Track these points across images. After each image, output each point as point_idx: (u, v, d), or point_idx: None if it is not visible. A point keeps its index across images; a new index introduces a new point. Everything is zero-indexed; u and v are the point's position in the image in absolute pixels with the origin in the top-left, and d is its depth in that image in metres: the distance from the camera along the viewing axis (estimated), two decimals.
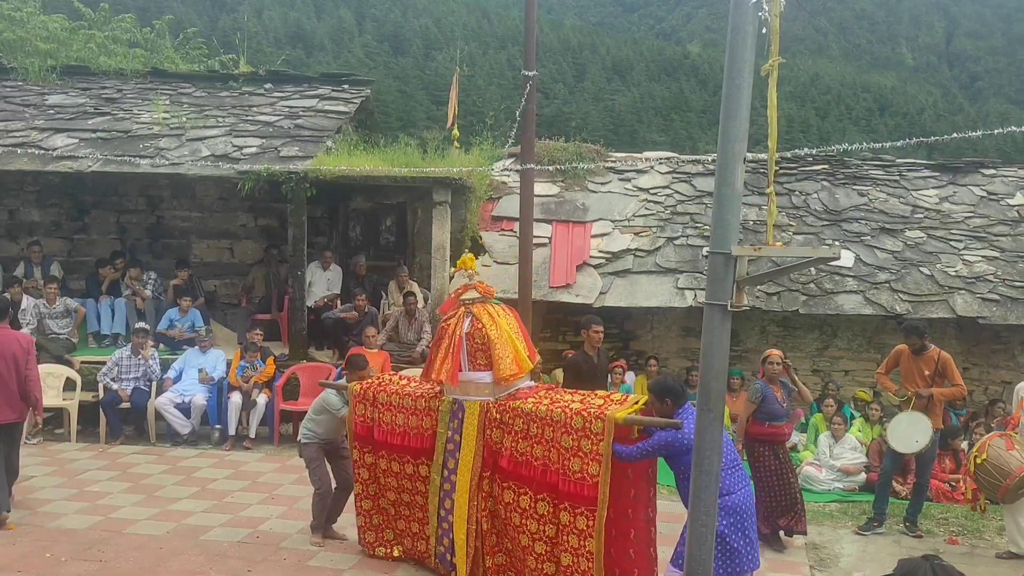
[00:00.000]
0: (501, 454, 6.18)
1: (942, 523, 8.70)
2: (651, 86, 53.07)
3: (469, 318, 6.47)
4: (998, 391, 12.21)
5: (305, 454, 7.45)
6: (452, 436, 6.43)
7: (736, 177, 3.74)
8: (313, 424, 7.45)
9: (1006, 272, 12.03)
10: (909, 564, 2.89)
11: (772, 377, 7.99)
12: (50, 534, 7.41)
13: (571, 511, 5.72)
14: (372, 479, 7.01)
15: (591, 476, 5.62)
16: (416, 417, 6.67)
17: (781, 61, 3.66)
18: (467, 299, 6.62)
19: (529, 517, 5.98)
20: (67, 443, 10.65)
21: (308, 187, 11.24)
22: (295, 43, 48.03)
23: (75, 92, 13.76)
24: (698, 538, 4.01)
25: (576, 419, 5.74)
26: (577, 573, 5.73)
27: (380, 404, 6.88)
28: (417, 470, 6.68)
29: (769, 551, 7.42)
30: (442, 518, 6.49)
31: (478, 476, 6.24)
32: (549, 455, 5.87)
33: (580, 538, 5.68)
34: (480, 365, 6.37)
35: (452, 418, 6.45)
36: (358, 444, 7.03)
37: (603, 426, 5.62)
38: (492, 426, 6.25)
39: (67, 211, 13.69)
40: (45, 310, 11.61)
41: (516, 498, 6.07)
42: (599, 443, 5.61)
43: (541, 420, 5.95)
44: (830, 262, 11.49)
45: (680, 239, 12.71)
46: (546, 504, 5.88)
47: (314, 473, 7.39)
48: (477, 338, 6.36)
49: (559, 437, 5.80)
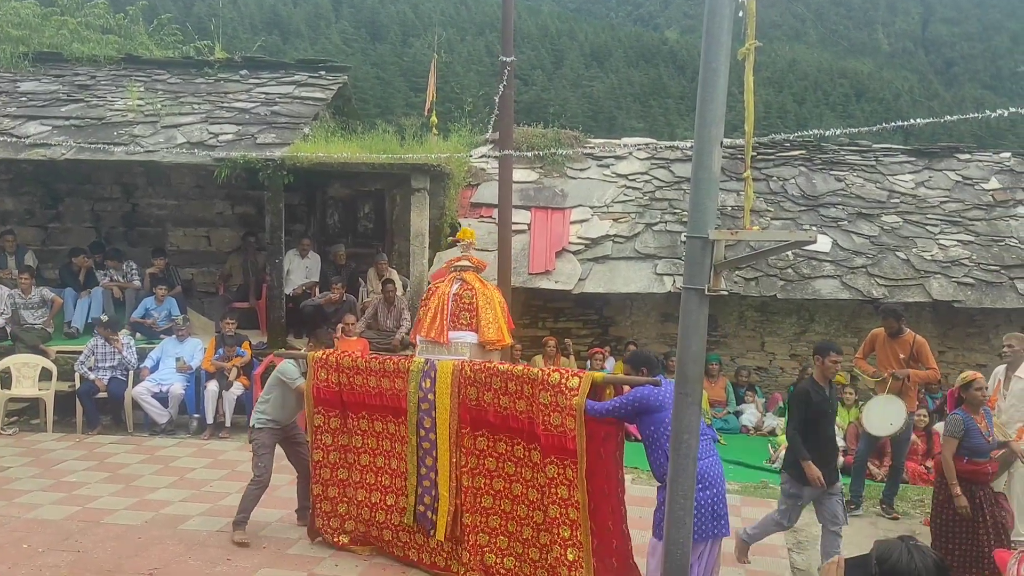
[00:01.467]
0: (486, 410, 6.25)
1: (918, 505, 8.79)
2: (629, 72, 53.06)
3: (459, 282, 6.65)
4: None
5: (256, 439, 7.21)
6: (425, 396, 6.44)
7: (713, 161, 3.74)
8: (266, 405, 7.23)
9: (981, 256, 12.14)
10: (886, 545, 2.91)
11: (974, 404, 6.78)
12: (27, 525, 7.35)
13: (558, 463, 5.85)
14: (335, 447, 6.94)
15: (570, 430, 5.78)
16: (388, 379, 6.67)
17: (758, 45, 3.66)
18: (460, 266, 6.78)
19: (524, 465, 6.11)
20: (43, 433, 10.57)
21: (285, 174, 11.17)
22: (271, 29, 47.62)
23: (48, 79, 13.60)
24: (676, 520, 4.03)
25: (553, 375, 5.90)
26: (566, 523, 5.84)
27: (346, 368, 6.83)
28: (399, 429, 6.68)
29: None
30: (423, 476, 6.51)
31: (455, 433, 6.32)
32: (532, 409, 5.99)
33: (569, 488, 5.81)
34: (462, 325, 6.53)
35: (424, 377, 6.46)
36: (323, 408, 6.94)
37: (579, 383, 5.79)
38: (467, 384, 6.32)
39: (40, 199, 13.55)
40: (20, 300, 11.49)
41: (511, 448, 6.18)
42: (573, 398, 5.77)
43: (518, 378, 6.07)
44: (807, 246, 11.58)
45: (659, 225, 12.73)
46: (538, 453, 6.00)
47: (261, 460, 7.15)
48: (465, 298, 6.60)
49: (537, 393, 5.94)
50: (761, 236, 4.17)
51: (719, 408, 12.00)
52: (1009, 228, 12.66)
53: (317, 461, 7.01)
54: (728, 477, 9.51)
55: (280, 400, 7.23)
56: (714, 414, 11.76)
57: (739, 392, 12.37)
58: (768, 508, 8.33)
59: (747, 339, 12.96)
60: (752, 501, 8.66)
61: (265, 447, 7.15)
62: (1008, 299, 11.60)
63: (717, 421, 11.67)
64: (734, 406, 12.16)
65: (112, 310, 11.84)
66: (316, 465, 7.01)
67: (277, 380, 7.23)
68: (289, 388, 7.20)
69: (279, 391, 7.23)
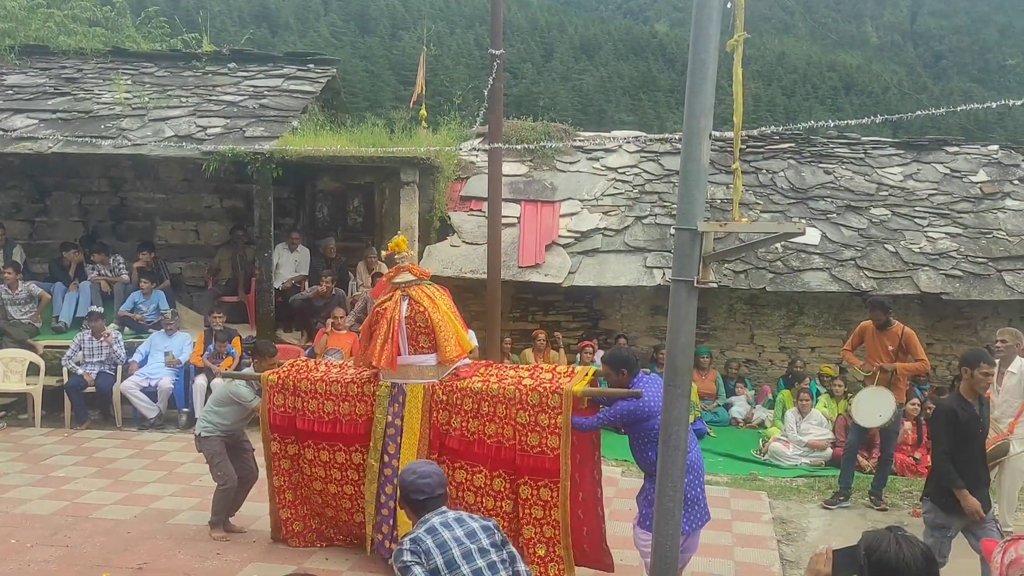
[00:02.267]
0: (450, 435, 6.15)
1: (907, 496, 8.84)
2: (619, 65, 53.01)
3: (407, 301, 6.31)
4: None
5: (206, 448, 7.01)
6: (393, 421, 6.28)
7: (702, 152, 3.74)
8: (216, 416, 7.02)
9: (969, 248, 12.19)
10: (874, 535, 2.92)
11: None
12: (15, 520, 7.32)
13: (532, 485, 5.80)
14: (295, 469, 6.78)
15: (551, 449, 5.72)
16: (348, 403, 6.48)
17: (746, 36, 3.66)
18: (402, 281, 6.45)
19: (485, 495, 6.00)
20: (31, 428, 10.53)
21: (274, 168, 11.12)
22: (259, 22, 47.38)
23: (34, 72, 13.49)
24: (665, 513, 4.03)
25: (532, 395, 5.83)
26: (542, 541, 5.81)
27: (303, 392, 6.62)
28: (350, 458, 6.50)
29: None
30: (382, 504, 6.33)
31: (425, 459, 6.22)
32: (503, 432, 5.91)
33: (545, 509, 5.78)
34: (423, 348, 6.23)
35: (392, 402, 6.31)
36: (278, 435, 6.73)
37: (560, 400, 5.73)
38: (438, 408, 6.20)
39: (27, 193, 13.47)
40: (7, 296, 11.42)
41: (470, 477, 6.06)
42: (557, 416, 5.72)
43: (493, 398, 5.97)
44: (796, 239, 11.61)
45: (648, 218, 12.74)
46: (502, 480, 5.92)
47: (219, 468, 6.99)
48: (419, 321, 6.22)
49: (514, 414, 5.86)
50: (750, 228, 4.18)
51: (709, 401, 12.02)
52: (997, 220, 12.71)
53: (278, 487, 6.83)
54: (717, 469, 9.62)
55: (229, 417, 7.03)
56: (704, 406, 11.78)
57: (729, 384, 12.40)
58: (757, 500, 8.40)
59: (736, 332, 12.99)
60: (741, 493, 8.69)
61: (219, 455, 6.98)
62: (996, 291, 11.67)
63: (707, 414, 11.70)
64: (724, 399, 12.19)
65: (100, 305, 11.78)
66: (278, 490, 6.83)
67: (230, 399, 7.01)
68: (239, 405, 7.01)
69: (227, 409, 7.03)
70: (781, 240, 10.86)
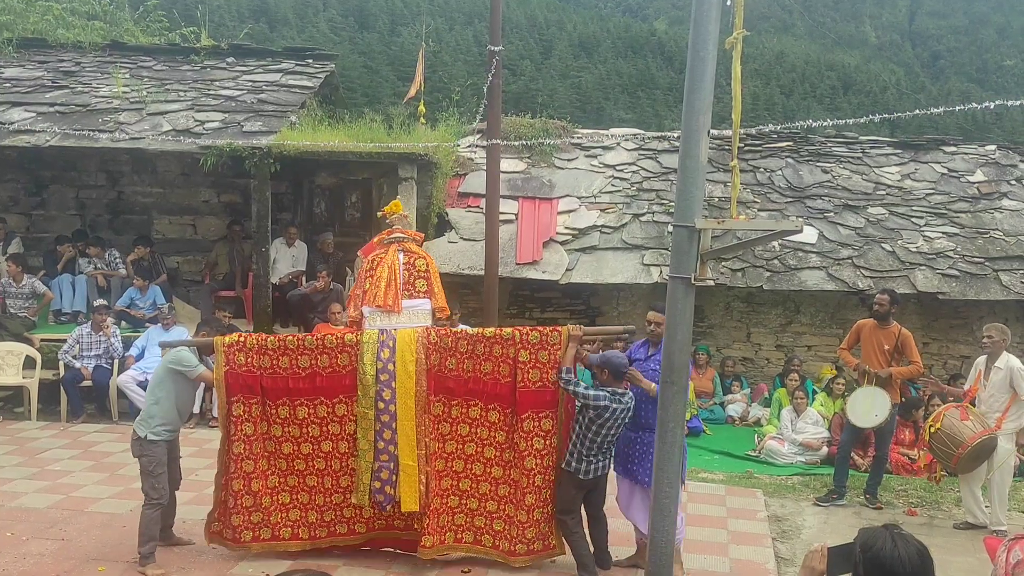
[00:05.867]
0: (445, 375, 6.38)
1: (901, 495, 8.86)
2: (618, 63, 52.90)
3: (403, 252, 6.66)
4: (957, 366, 12.43)
5: (148, 454, 6.28)
6: (385, 367, 6.28)
7: (700, 149, 3.75)
8: (158, 409, 6.36)
9: (965, 248, 12.20)
10: (870, 533, 2.93)
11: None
12: (11, 513, 7.33)
13: (535, 417, 6.22)
14: (263, 433, 6.44)
15: (552, 383, 6.22)
16: (328, 356, 6.36)
17: (745, 34, 3.67)
18: (396, 238, 6.74)
19: (480, 425, 6.38)
20: (27, 422, 10.52)
21: (272, 163, 11.12)
22: (258, 16, 47.23)
23: (32, 65, 13.48)
24: (661, 509, 4.04)
25: (533, 335, 6.26)
26: (543, 470, 6.24)
27: (271, 350, 6.39)
28: (333, 410, 6.40)
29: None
30: (380, 450, 6.28)
31: (424, 400, 6.31)
32: (499, 369, 6.27)
33: (545, 439, 6.21)
34: (419, 293, 6.60)
35: (381, 348, 6.30)
36: (242, 396, 6.37)
37: (559, 337, 6.24)
38: (433, 350, 6.37)
39: (25, 186, 13.43)
40: (11, 288, 11.41)
41: (465, 410, 6.39)
42: (557, 352, 6.22)
43: (488, 340, 6.29)
44: (792, 236, 11.62)
45: (646, 215, 12.74)
46: (497, 413, 6.30)
47: (157, 480, 6.26)
48: (419, 267, 6.60)
49: (513, 353, 6.23)
50: (747, 225, 4.19)
51: (706, 399, 12.03)
52: (994, 220, 12.72)
53: (238, 454, 6.40)
54: (713, 467, 9.65)
55: (173, 397, 6.43)
56: (700, 404, 11.79)
57: (725, 383, 12.41)
58: (753, 498, 8.42)
59: (733, 330, 13.00)
60: (737, 491, 8.71)
61: (161, 465, 6.31)
62: (992, 291, 11.68)
63: (703, 411, 11.71)
64: (721, 397, 12.20)
65: (96, 296, 11.76)
66: (237, 458, 6.40)
67: (168, 373, 6.43)
68: (185, 380, 6.47)
69: (171, 386, 6.42)
70: (778, 238, 10.89)
